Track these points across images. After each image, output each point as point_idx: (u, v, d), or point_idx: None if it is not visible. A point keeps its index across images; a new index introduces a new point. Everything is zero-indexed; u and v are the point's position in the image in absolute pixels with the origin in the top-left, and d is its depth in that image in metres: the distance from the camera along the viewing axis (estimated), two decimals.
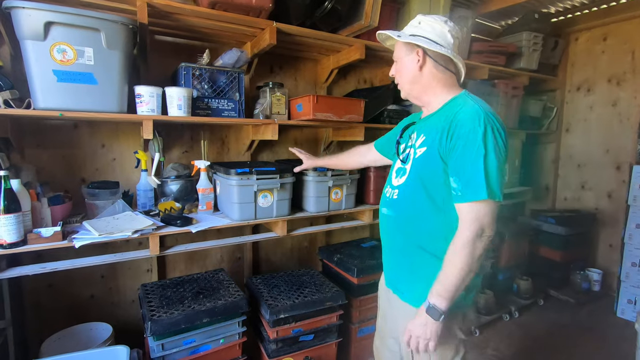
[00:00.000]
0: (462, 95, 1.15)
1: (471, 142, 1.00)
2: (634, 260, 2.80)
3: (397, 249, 1.24)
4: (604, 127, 3.29)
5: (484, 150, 0.99)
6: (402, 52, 1.19)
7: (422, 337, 1.06)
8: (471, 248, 1.01)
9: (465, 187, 1.01)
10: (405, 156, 1.21)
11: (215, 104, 1.84)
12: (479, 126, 1.00)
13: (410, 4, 2.31)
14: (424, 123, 1.21)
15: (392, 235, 1.25)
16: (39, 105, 1.39)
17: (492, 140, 1.00)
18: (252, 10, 1.74)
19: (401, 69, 1.20)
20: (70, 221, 1.60)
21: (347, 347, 2.14)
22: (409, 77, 1.18)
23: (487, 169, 0.99)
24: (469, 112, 1.04)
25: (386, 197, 1.27)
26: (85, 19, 1.39)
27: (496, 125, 1.03)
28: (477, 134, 1.00)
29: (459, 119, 1.04)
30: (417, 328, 1.07)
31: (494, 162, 1.00)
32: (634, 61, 3.06)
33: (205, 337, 1.64)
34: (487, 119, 1.02)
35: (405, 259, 1.20)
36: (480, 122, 1.01)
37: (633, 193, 2.80)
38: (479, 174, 0.98)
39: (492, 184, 0.99)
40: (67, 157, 1.84)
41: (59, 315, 1.89)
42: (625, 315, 2.85)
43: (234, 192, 1.73)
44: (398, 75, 1.22)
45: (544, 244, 3.27)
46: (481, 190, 0.98)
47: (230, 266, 2.40)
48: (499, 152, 1.01)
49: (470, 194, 1.00)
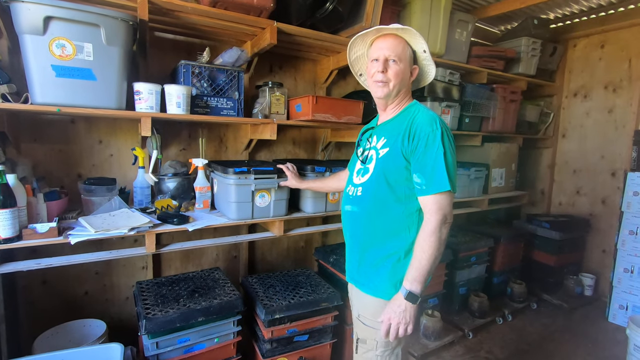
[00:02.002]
0: (414, 103, 1.31)
1: (431, 142, 1.15)
2: (626, 266, 2.83)
3: (360, 243, 1.32)
4: (599, 133, 3.32)
5: (443, 149, 1.14)
6: (408, 60, 1.25)
7: (402, 322, 1.16)
8: (438, 234, 1.14)
9: (430, 182, 1.14)
10: (365, 157, 1.32)
11: (215, 102, 1.84)
12: (436, 129, 1.15)
13: (412, 7, 2.32)
14: (382, 127, 1.32)
15: (356, 230, 1.33)
16: (37, 100, 1.38)
17: (447, 140, 1.16)
18: (253, 9, 1.74)
19: (402, 74, 1.24)
20: (66, 217, 1.59)
21: (342, 347, 2.14)
22: (403, 84, 1.26)
23: (447, 165, 1.13)
24: (426, 117, 1.20)
25: (349, 195, 1.35)
26: (85, 15, 1.38)
27: (447, 128, 1.20)
28: (436, 136, 1.15)
29: (418, 122, 1.19)
30: (397, 315, 1.16)
31: (450, 159, 1.15)
32: (631, 69, 3.09)
33: (200, 336, 1.64)
34: (441, 123, 1.18)
35: (367, 252, 1.29)
36: (437, 125, 1.16)
37: (627, 200, 2.82)
38: (441, 170, 1.13)
39: (452, 177, 1.14)
40: (64, 153, 1.83)
41: (52, 311, 1.87)
42: (617, 320, 2.88)
43: (232, 191, 1.73)
44: (397, 76, 1.23)
45: (539, 248, 3.30)
46: (444, 184, 1.13)
47: (226, 265, 2.40)
48: (452, 151, 1.17)
49: (434, 187, 1.14)
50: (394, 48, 1.22)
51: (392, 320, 1.17)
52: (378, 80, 1.23)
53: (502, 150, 3.07)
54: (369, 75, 1.27)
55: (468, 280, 2.81)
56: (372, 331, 1.26)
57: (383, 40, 1.24)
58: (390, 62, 1.22)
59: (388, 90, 1.24)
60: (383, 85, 1.23)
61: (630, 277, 2.80)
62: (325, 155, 2.64)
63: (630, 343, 2.22)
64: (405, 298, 1.15)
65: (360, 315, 1.32)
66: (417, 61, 1.30)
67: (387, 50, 1.22)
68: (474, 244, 2.78)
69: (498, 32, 3.53)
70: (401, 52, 1.22)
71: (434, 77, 1.35)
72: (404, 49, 1.23)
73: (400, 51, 1.22)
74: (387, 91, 1.24)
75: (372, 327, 1.26)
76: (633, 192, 2.79)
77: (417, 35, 1.22)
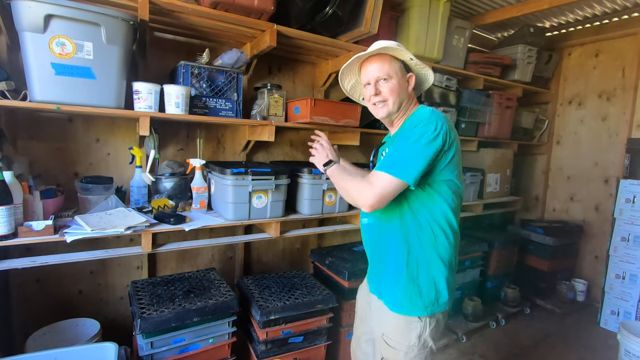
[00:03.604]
0: (420, 107, 1.28)
1: (405, 131, 1.16)
2: (618, 272, 2.86)
3: (379, 253, 1.32)
4: (593, 141, 3.37)
5: (409, 137, 1.12)
6: (399, 72, 1.24)
7: (327, 148, 1.37)
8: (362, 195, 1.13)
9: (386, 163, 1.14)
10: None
11: (213, 103, 1.84)
12: (417, 121, 1.15)
13: (410, 13, 2.34)
14: (392, 140, 1.31)
15: (374, 242, 1.34)
16: (36, 97, 1.38)
17: (422, 132, 1.11)
18: (254, 12, 1.75)
19: (398, 89, 1.23)
20: (62, 215, 1.59)
21: (336, 350, 2.14)
22: (402, 97, 1.25)
23: (409, 154, 1.10)
24: (417, 113, 1.23)
25: None
26: (86, 13, 1.38)
27: (439, 123, 1.13)
28: (412, 125, 1.15)
29: (411, 118, 1.24)
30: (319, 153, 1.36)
31: (414, 148, 1.11)
32: (624, 78, 3.14)
33: (194, 337, 1.64)
34: (434, 116, 1.15)
35: (384, 264, 1.28)
36: (421, 118, 1.16)
37: (619, 206, 2.86)
38: (404, 156, 1.11)
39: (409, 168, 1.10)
40: (61, 151, 1.83)
41: (46, 310, 1.86)
42: (609, 325, 2.91)
43: (229, 191, 1.73)
44: (393, 93, 1.22)
45: (532, 254, 3.33)
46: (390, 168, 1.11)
47: (221, 266, 2.40)
48: (424, 144, 1.10)
49: (387, 168, 1.12)
50: (380, 67, 1.22)
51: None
52: (375, 102, 1.25)
53: (497, 156, 3.10)
54: (367, 100, 1.29)
55: (462, 284, 2.83)
56: (395, 352, 1.23)
57: (369, 64, 1.25)
58: (382, 81, 1.23)
59: (388, 109, 1.24)
60: (383, 106, 1.24)
61: (622, 284, 2.84)
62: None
63: (621, 348, 2.25)
64: (324, 165, 1.32)
65: (384, 334, 1.27)
66: (411, 68, 1.29)
67: (374, 71, 1.23)
68: (468, 248, 2.80)
69: (495, 39, 3.57)
70: (388, 68, 1.22)
71: (433, 79, 1.35)
72: (390, 64, 1.23)
73: (387, 68, 1.22)
74: (387, 110, 1.24)
75: (394, 347, 1.23)
76: (625, 199, 2.83)
77: (397, 48, 1.21)
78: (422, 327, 1.20)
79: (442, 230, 1.19)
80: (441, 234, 1.19)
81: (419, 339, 1.20)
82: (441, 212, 1.19)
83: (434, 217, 1.18)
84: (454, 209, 1.21)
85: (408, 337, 1.20)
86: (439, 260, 1.20)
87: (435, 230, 1.19)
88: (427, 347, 1.22)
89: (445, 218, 1.19)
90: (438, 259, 1.20)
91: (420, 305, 1.19)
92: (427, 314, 1.20)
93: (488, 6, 2.87)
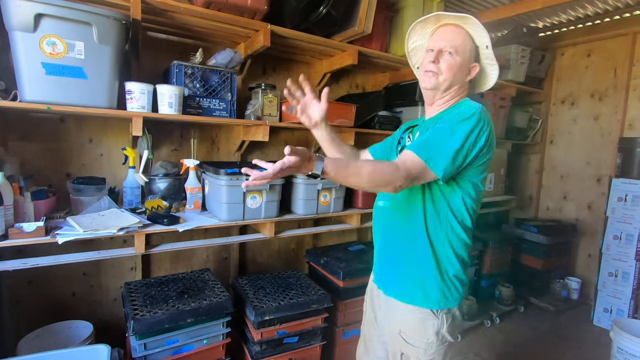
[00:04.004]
0: (466, 99, 1.18)
1: (451, 119, 1.06)
2: (611, 270, 2.89)
3: (391, 241, 1.24)
4: (586, 140, 3.40)
5: (454, 130, 1.03)
6: (467, 55, 1.14)
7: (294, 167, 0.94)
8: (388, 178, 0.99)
9: (424, 146, 1.04)
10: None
11: (207, 103, 1.84)
12: (466, 113, 1.06)
13: (404, 13, 2.35)
14: (426, 123, 1.21)
15: (387, 227, 1.25)
16: (26, 97, 1.36)
17: (470, 129, 1.04)
18: (247, 11, 1.75)
19: (456, 68, 1.12)
20: (54, 216, 1.57)
21: (332, 350, 2.14)
22: (457, 81, 1.14)
23: (449, 147, 1.02)
24: (467, 104, 1.11)
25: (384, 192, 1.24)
26: (77, 13, 1.37)
27: (486, 121, 1.06)
28: (460, 117, 1.05)
29: (454, 107, 1.13)
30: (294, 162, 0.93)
31: (455, 143, 1.03)
32: (616, 78, 3.17)
33: (188, 338, 1.63)
34: (483, 114, 1.07)
35: (398, 251, 1.21)
36: (470, 112, 1.06)
37: (611, 205, 2.89)
38: (444, 148, 1.02)
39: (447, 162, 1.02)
40: (53, 151, 1.81)
41: (38, 312, 1.84)
42: (602, 323, 2.93)
43: (223, 192, 1.73)
44: (450, 70, 1.12)
45: (526, 252, 3.35)
46: (435, 160, 1.02)
47: (216, 266, 2.39)
48: (466, 141, 1.03)
49: (422, 153, 1.02)
50: (452, 39, 1.11)
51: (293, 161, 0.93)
52: (428, 70, 1.13)
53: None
54: (422, 65, 1.17)
55: None
56: (414, 349, 1.18)
57: (442, 31, 1.15)
58: (446, 54, 1.11)
59: (436, 81, 1.13)
60: (432, 75, 1.13)
61: (615, 281, 2.87)
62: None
63: (614, 346, 2.27)
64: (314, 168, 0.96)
65: (401, 331, 1.20)
66: (480, 59, 1.17)
67: (443, 41, 1.12)
68: None
69: None
70: (460, 44, 1.11)
71: (495, 82, 1.20)
72: (464, 41, 1.12)
73: (458, 43, 1.11)
74: (435, 82, 1.13)
75: (413, 344, 1.18)
76: (617, 198, 2.86)
77: (480, 26, 1.10)
78: (439, 323, 1.16)
79: (460, 225, 1.14)
80: (459, 229, 1.15)
81: (437, 335, 1.16)
82: (460, 209, 1.14)
83: (452, 212, 1.13)
84: (473, 209, 1.16)
85: (426, 333, 1.16)
86: (454, 254, 1.16)
87: (453, 224, 1.14)
88: (445, 342, 1.19)
89: (463, 215, 1.15)
90: (453, 253, 1.16)
91: (435, 300, 1.15)
92: (441, 308, 1.16)
93: (481, 6, 2.89)
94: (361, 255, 2.36)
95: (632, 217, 2.78)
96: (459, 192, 1.13)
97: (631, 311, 2.80)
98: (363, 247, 2.53)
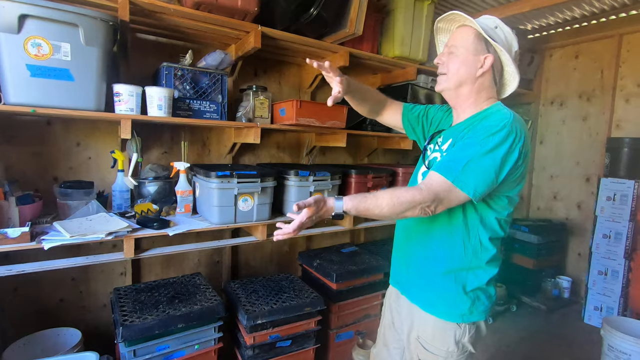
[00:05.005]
0: (497, 104, 1.11)
1: (479, 133, 0.99)
2: (600, 268, 2.92)
3: (416, 248, 1.21)
4: (575, 140, 3.44)
5: (482, 145, 0.97)
6: (470, 47, 1.08)
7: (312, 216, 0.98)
8: (409, 205, 0.96)
9: (451, 165, 0.99)
10: (431, 161, 1.19)
11: (197, 105, 1.82)
12: (496, 126, 0.99)
13: (395, 15, 2.36)
14: (453, 129, 1.16)
15: (413, 234, 1.22)
16: (10, 100, 1.33)
17: (500, 143, 0.97)
18: (237, 13, 1.73)
19: (458, 64, 1.08)
20: (40, 222, 1.54)
21: (325, 353, 2.13)
22: (464, 76, 1.09)
23: (480, 165, 0.96)
24: (497, 115, 1.04)
25: None
26: (63, 14, 1.34)
27: (520, 132, 1.00)
28: (489, 130, 0.98)
29: (485, 117, 1.06)
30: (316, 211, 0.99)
31: (485, 159, 0.96)
32: (603, 79, 3.22)
33: (179, 343, 1.61)
34: (516, 124, 1.00)
35: (424, 260, 1.18)
36: (500, 124, 0.99)
37: (600, 204, 2.93)
38: (472, 166, 0.96)
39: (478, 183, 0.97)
40: (39, 155, 1.77)
41: (25, 320, 1.80)
42: (592, 321, 2.97)
43: (214, 195, 1.71)
44: (453, 67, 1.08)
45: (518, 252, 3.37)
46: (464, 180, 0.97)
47: (208, 270, 2.36)
48: (497, 157, 0.97)
49: (450, 175, 0.98)
50: (452, 39, 1.10)
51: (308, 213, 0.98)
52: (438, 72, 1.13)
53: None
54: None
55: None
56: (433, 357, 1.15)
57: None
58: (447, 53, 1.11)
59: (446, 83, 1.11)
60: (440, 78, 1.12)
61: (605, 280, 2.90)
62: (309, 160, 2.64)
63: (604, 343, 2.29)
64: (335, 209, 0.99)
65: (419, 337, 1.18)
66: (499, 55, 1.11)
67: (450, 40, 1.12)
68: None
69: None
70: (458, 39, 1.08)
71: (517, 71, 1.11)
72: (462, 35, 1.08)
73: (460, 37, 1.07)
74: (443, 84, 1.12)
75: (432, 352, 1.15)
76: (606, 197, 2.90)
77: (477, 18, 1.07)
78: (460, 333, 1.13)
79: (490, 240, 1.10)
80: (488, 244, 1.10)
81: (457, 344, 1.13)
82: (493, 225, 1.10)
83: (484, 227, 1.09)
84: (506, 221, 1.12)
85: (446, 342, 1.13)
86: (480, 268, 1.12)
87: (482, 239, 1.09)
88: (466, 351, 1.15)
89: (495, 230, 1.10)
90: (480, 267, 1.12)
91: (458, 313, 1.12)
92: (465, 322, 1.13)
93: (471, 8, 2.91)
94: (354, 258, 2.36)
95: (621, 216, 2.82)
96: (494, 208, 1.08)
97: (621, 309, 2.83)
98: (356, 249, 2.52)
